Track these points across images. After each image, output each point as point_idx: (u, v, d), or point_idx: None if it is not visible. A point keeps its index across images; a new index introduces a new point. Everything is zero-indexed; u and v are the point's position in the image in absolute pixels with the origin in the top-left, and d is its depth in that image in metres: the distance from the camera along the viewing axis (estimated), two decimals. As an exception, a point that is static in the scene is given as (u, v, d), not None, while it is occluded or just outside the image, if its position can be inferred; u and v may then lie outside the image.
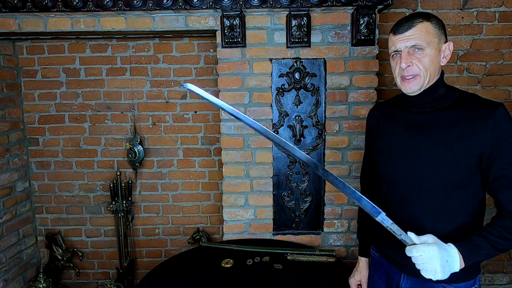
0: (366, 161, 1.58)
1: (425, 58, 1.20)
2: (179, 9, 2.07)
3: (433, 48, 1.20)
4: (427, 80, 1.23)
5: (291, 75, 2.20)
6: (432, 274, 1.09)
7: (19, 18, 2.17)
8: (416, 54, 1.21)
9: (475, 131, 1.16)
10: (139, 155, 2.74)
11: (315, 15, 2.14)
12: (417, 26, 1.20)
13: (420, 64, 1.20)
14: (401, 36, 1.22)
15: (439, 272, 1.08)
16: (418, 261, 1.09)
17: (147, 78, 2.72)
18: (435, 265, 1.07)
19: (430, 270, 1.08)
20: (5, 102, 2.59)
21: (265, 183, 2.29)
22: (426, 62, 1.20)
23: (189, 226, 2.87)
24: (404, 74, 1.23)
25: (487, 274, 2.76)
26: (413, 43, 1.20)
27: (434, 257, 1.07)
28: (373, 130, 1.47)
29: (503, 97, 2.58)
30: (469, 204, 1.23)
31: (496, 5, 2.47)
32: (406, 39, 1.21)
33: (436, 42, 1.21)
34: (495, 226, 1.15)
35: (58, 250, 2.77)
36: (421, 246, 1.08)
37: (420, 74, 1.22)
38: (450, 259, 1.10)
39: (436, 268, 1.08)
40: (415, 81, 1.23)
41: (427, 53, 1.20)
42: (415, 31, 1.20)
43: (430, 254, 1.07)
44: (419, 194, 1.26)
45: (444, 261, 1.08)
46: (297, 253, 2.06)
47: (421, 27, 1.20)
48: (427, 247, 1.08)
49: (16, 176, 2.67)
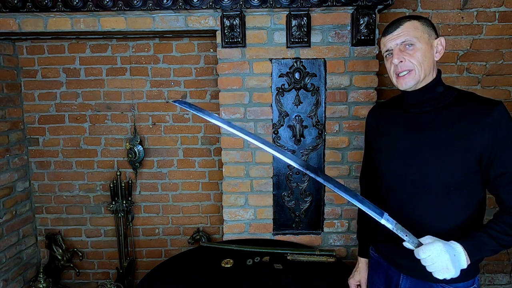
0: (366, 162, 1.58)
1: (417, 53, 1.23)
2: (179, 9, 2.07)
3: (423, 42, 1.23)
4: (422, 74, 1.24)
5: (291, 75, 2.20)
6: (445, 272, 1.08)
7: (19, 18, 2.17)
8: (408, 50, 1.23)
9: (474, 131, 1.16)
10: (139, 155, 2.74)
11: (315, 15, 2.14)
12: (404, 24, 1.24)
13: (413, 59, 1.23)
14: (390, 35, 1.26)
15: (451, 268, 1.07)
16: (428, 262, 1.08)
17: (147, 78, 2.72)
18: (445, 261, 1.07)
19: (442, 268, 1.07)
20: (5, 102, 2.59)
21: (265, 183, 2.29)
22: (418, 56, 1.23)
23: (189, 226, 2.87)
24: (398, 71, 1.25)
25: (487, 274, 2.75)
26: (402, 40, 1.24)
27: (442, 252, 1.07)
28: (372, 131, 1.48)
29: (503, 97, 2.58)
30: (469, 204, 1.23)
31: (496, 5, 2.47)
32: (396, 37, 1.25)
33: (426, 37, 1.24)
34: (498, 222, 1.15)
35: (58, 250, 2.77)
36: (426, 246, 1.08)
37: (414, 69, 1.23)
38: (457, 253, 1.09)
39: (448, 264, 1.07)
40: (410, 76, 1.24)
41: (418, 48, 1.23)
42: (403, 29, 1.24)
43: (437, 251, 1.07)
44: (419, 195, 1.26)
45: (452, 255, 1.08)
46: (297, 253, 2.06)
47: (408, 25, 1.24)
48: (432, 246, 1.08)
49: (16, 176, 2.67)
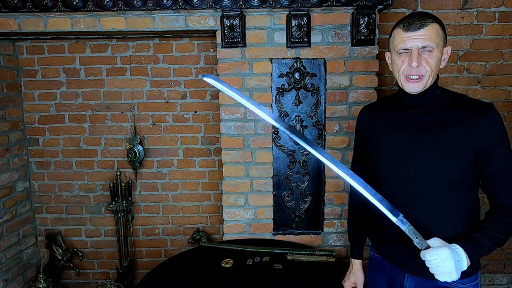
0: (357, 163, 1.55)
1: (432, 60, 1.21)
2: (179, 9, 2.07)
3: (439, 50, 1.22)
4: (430, 81, 1.24)
5: (291, 75, 2.20)
6: (448, 276, 1.12)
7: (19, 18, 2.17)
8: (425, 55, 1.20)
9: (471, 130, 1.19)
10: (139, 155, 2.74)
11: (315, 15, 2.14)
12: (429, 26, 1.19)
13: (428, 65, 1.21)
14: (413, 34, 1.19)
15: (454, 273, 1.11)
16: (432, 265, 1.12)
17: (147, 78, 2.72)
18: (450, 267, 1.10)
19: (446, 272, 1.11)
20: (5, 102, 2.59)
21: (265, 183, 2.29)
22: (433, 63, 1.21)
23: (189, 226, 2.87)
24: (411, 74, 1.22)
25: (487, 274, 2.75)
26: (424, 44, 1.19)
27: (448, 258, 1.10)
28: (366, 132, 1.46)
29: (503, 97, 2.58)
30: (466, 201, 1.26)
31: (496, 5, 2.47)
32: (419, 38, 1.19)
33: (442, 44, 1.23)
34: (492, 221, 1.20)
35: (58, 250, 2.76)
36: (433, 249, 1.11)
37: (426, 75, 1.22)
38: (460, 258, 1.14)
39: (451, 270, 1.11)
40: (420, 82, 1.23)
41: (435, 55, 1.21)
42: (427, 31, 1.18)
43: (443, 256, 1.10)
44: (421, 194, 1.27)
45: (456, 261, 1.12)
46: (297, 253, 2.06)
47: (432, 28, 1.19)
48: (440, 250, 1.11)
49: (16, 176, 2.67)
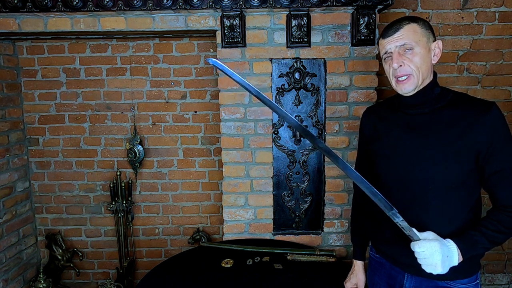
0: (360, 164, 1.56)
1: (416, 57, 1.24)
2: (179, 9, 2.07)
3: (422, 47, 1.24)
4: (420, 79, 1.26)
5: (291, 75, 2.20)
6: (432, 269, 1.14)
7: (19, 18, 2.17)
8: (407, 54, 1.24)
9: (472, 130, 1.19)
10: (139, 155, 2.74)
11: (315, 15, 2.14)
12: (404, 27, 1.25)
13: (411, 63, 1.24)
14: (389, 38, 1.27)
15: (439, 267, 1.13)
16: (420, 256, 1.15)
17: (147, 78, 2.73)
18: (436, 260, 1.13)
19: (431, 264, 1.14)
20: (5, 102, 2.59)
21: (265, 183, 2.29)
22: (417, 61, 1.24)
23: (189, 226, 2.87)
24: (397, 75, 1.26)
25: (487, 274, 2.75)
26: (402, 43, 1.24)
27: (436, 252, 1.13)
28: (370, 133, 1.47)
29: (503, 97, 2.58)
30: (468, 201, 1.26)
31: (496, 5, 2.47)
32: (395, 40, 1.25)
33: (424, 41, 1.25)
34: (491, 220, 1.20)
35: (58, 250, 2.77)
36: (424, 242, 1.14)
37: (412, 74, 1.25)
38: (450, 254, 1.15)
39: (437, 263, 1.13)
40: (409, 82, 1.26)
41: (417, 52, 1.24)
42: (403, 32, 1.24)
43: (432, 249, 1.13)
44: (423, 194, 1.27)
45: (444, 257, 1.14)
46: (297, 253, 2.06)
47: (408, 28, 1.24)
48: (429, 243, 1.13)
49: (16, 176, 2.67)
